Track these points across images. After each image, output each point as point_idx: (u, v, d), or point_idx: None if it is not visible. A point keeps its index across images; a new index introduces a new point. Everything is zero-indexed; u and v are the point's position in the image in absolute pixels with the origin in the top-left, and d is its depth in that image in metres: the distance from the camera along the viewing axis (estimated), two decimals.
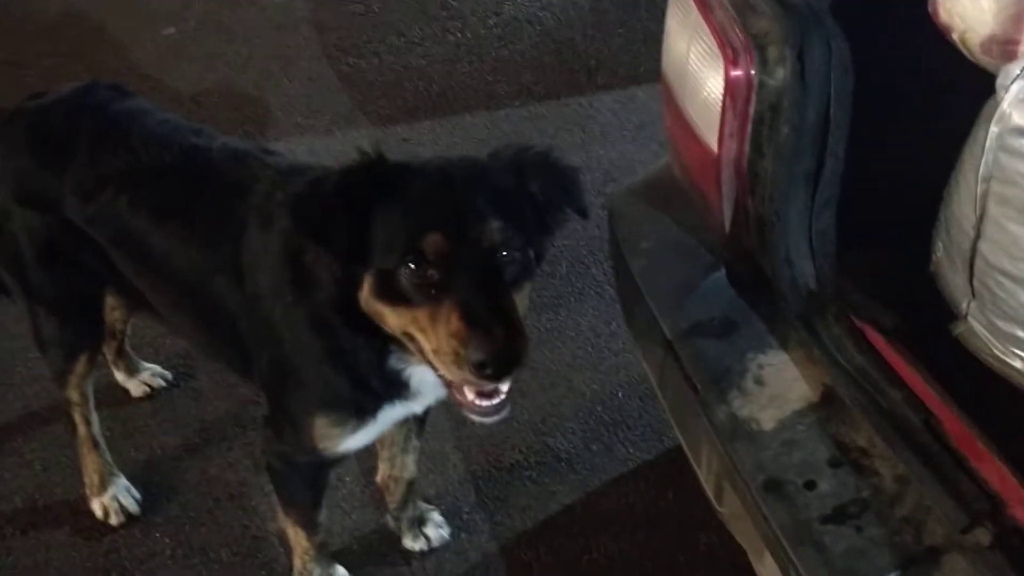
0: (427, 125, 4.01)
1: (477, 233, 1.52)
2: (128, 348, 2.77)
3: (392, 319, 1.58)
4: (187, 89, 4.05)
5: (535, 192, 1.64)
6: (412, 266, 1.51)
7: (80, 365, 2.35)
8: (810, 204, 1.55)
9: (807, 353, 1.56)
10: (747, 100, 1.53)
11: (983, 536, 1.23)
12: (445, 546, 2.45)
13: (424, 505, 2.47)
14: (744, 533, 1.60)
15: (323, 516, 2.20)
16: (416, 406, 1.92)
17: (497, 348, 1.45)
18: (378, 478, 2.41)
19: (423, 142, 3.91)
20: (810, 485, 1.40)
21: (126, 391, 2.80)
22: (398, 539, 2.45)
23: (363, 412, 1.86)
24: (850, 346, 1.48)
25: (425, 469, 2.59)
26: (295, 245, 1.74)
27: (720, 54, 1.55)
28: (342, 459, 2.05)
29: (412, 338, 1.58)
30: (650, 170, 2.08)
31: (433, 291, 1.51)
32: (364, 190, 1.57)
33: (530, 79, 4.24)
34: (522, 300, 1.59)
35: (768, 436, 1.47)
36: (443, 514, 2.50)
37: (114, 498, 2.49)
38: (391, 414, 1.90)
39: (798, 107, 1.47)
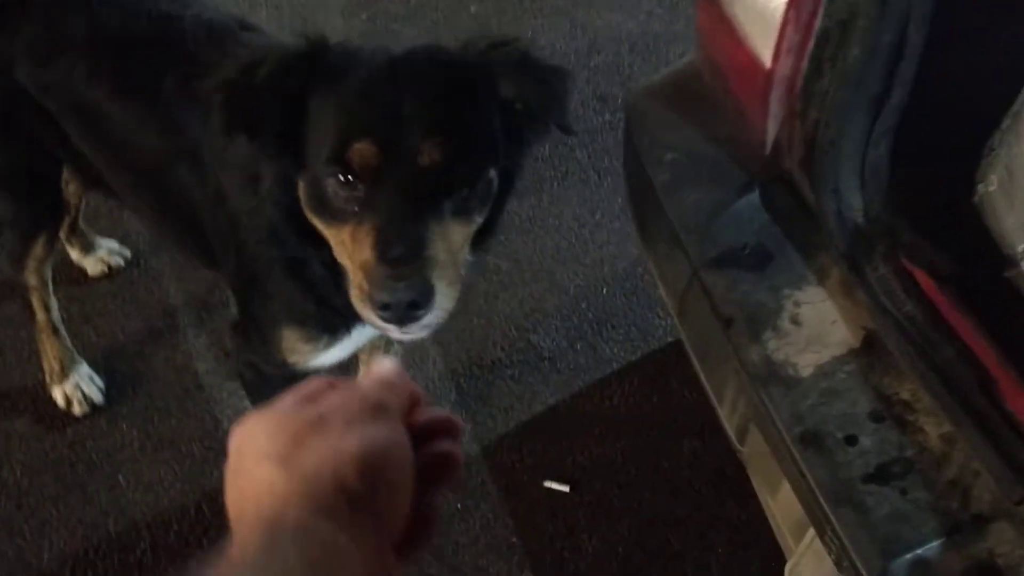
0: None
1: (415, 146, 1.29)
2: (83, 224, 2.57)
3: (326, 233, 1.39)
4: None
5: (510, 98, 1.40)
6: (340, 177, 1.31)
7: (38, 247, 2.17)
8: (868, 132, 1.42)
9: (849, 293, 1.46)
10: (813, 13, 1.37)
11: None
12: None
13: None
14: (762, 471, 1.54)
15: None
16: None
17: (399, 294, 1.25)
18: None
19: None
20: (851, 440, 1.33)
21: (83, 270, 2.62)
22: None
23: (334, 329, 1.72)
24: (899, 291, 1.38)
25: (404, 365, 2.49)
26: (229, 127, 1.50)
27: None
28: (316, 373, 1.94)
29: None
30: (672, 68, 1.91)
31: (358, 208, 1.31)
32: (300, 80, 1.36)
33: None
34: (463, 230, 1.37)
35: (806, 383, 1.39)
36: None
37: (77, 387, 2.35)
38: (365, 332, 1.74)
39: (873, 27, 1.32)
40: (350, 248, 1.33)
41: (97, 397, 2.37)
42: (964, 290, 1.41)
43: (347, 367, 2.34)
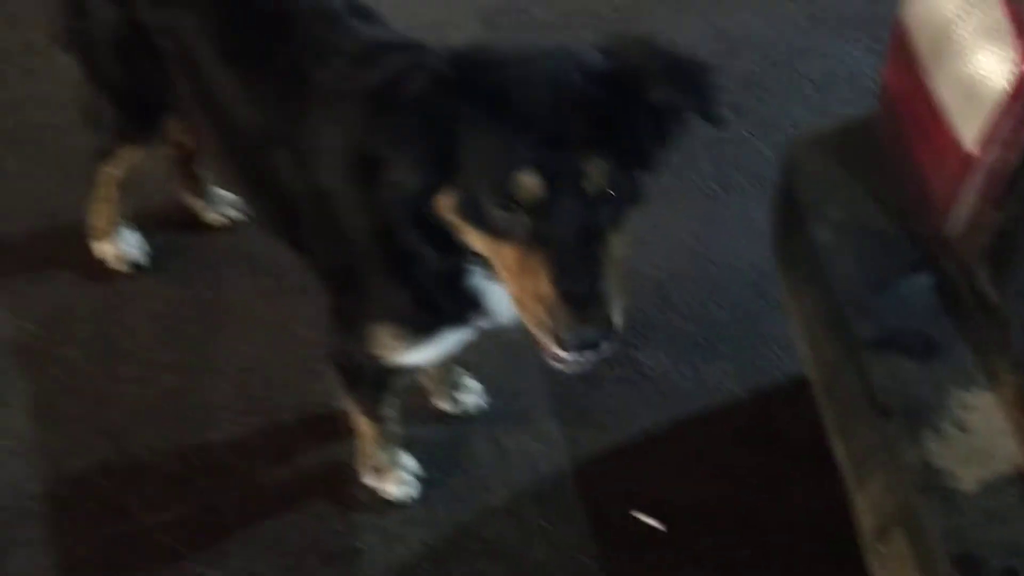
0: None
1: (580, 171, 1.31)
2: (200, 171, 2.56)
3: (474, 239, 1.40)
4: None
5: (656, 101, 1.39)
6: (501, 205, 1.32)
7: (126, 152, 2.29)
8: None
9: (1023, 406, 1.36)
10: None
11: None
12: (518, 453, 2.35)
13: (463, 372, 2.37)
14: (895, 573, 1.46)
15: (388, 409, 2.09)
16: (487, 324, 1.75)
17: (586, 330, 1.32)
18: None
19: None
20: (1011, 574, 1.24)
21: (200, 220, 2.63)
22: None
23: (427, 330, 1.72)
24: None
25: (500, 360, 2.45)
26: (364, 138, 1.52)
27: (1014, 42, 1.25)
28: (406, 371, 1.92)
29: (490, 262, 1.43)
30: (843, 120, 1.79)
31: (522, 230, 1.33)
32: (452, 102, 1.33)
33: None
34: (620, 238, 1.41)
35: (968, 499, 1.29)
36: (512, 414, 2.39)
37: (121, 246, 2.49)
38: (458, 336, 1.77)
39: None
40: (516, 270, 1.36)
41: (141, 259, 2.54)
42: None
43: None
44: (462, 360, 2.38)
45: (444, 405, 2.37)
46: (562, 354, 1.37)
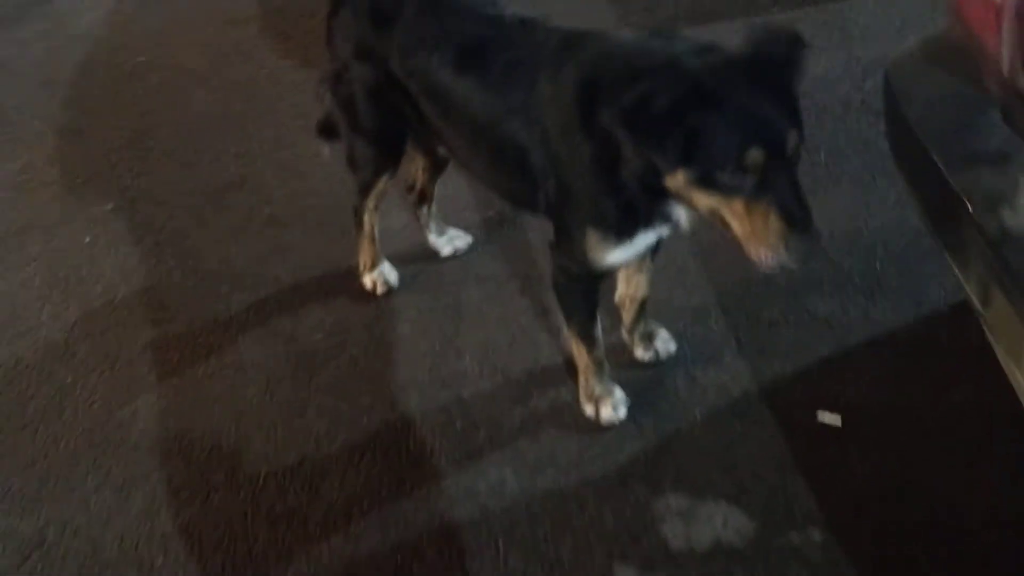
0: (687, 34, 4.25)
1: (786, 145, 1.87)
2: (434, 211, 3.30)
3: (702, 201, 1.96)
4: None
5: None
6: (733, 172, 1.87)
7: (381, 182, 2.98)
8: None
9: None
10: None
11: None
12: (710, 383, 2.78)
13: (654, 323, 2.85)
14: (1006, 335, 1.82)
15: (598, 331, 2.61)
16: (668, 231, 2.33)
17: (816, 244, 1.89)
18: (616, 297, 2.79)
19: None
20: None
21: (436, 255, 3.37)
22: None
23: (624, 232, 2.27)
24: None
25: (689, 321, 2.95)
26: (584, 98, 2.13)
27: None
28: (607, 273, 2.49)
29: (715, 213, 1.98)
30: (923, 37, 2.28)
31: (749, 187, 1.87)
32: (692, 108, 1.87)
33: None
34: None
35: None
36: (702, 356, 2.85)
37: (380, 274, 3.19)
38: (645, 240, 2.33)
39: None
40: (744, 215, 1.90)
41: (394, 281, 3.25)
42: None
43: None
44: (655, 314, 2.90)
45: (643, 355, 2.87)
46: (784, 261, 1.90)
